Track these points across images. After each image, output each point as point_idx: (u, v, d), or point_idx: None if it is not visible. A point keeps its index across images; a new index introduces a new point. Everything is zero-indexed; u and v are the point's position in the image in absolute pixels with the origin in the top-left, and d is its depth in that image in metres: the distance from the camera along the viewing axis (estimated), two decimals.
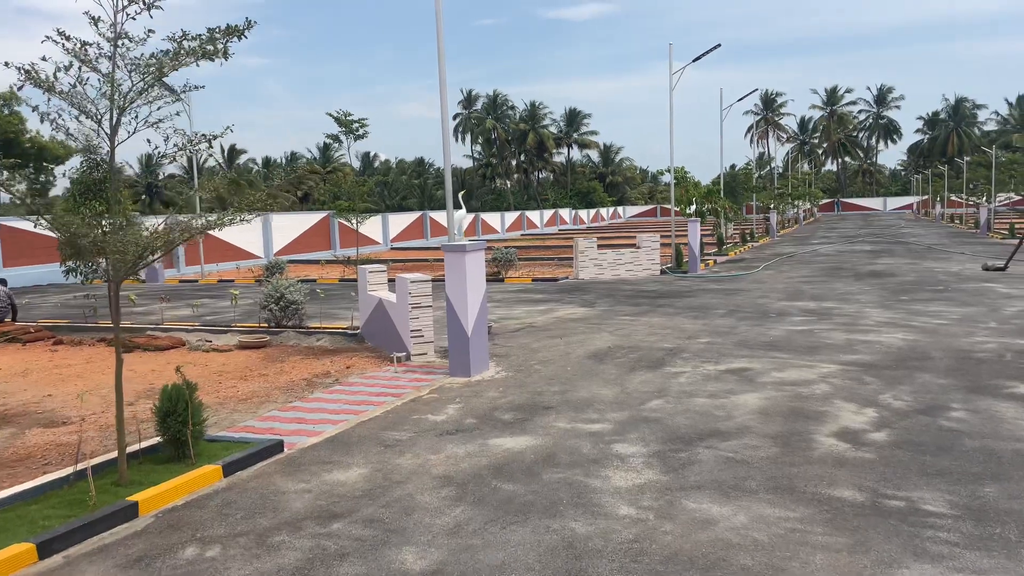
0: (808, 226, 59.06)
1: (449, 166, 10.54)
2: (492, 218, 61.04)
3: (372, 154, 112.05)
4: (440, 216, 53.16)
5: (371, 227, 43.29)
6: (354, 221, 30.23)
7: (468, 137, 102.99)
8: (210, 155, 10.55)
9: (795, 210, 60.83)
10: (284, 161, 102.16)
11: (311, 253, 37.54)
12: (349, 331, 12.44)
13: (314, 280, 23.57)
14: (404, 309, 10.30)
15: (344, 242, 39.96)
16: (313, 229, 39.67)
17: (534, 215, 69.20)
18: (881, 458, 5.79)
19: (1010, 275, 19.12)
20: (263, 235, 35.76)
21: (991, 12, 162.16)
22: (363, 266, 12.15)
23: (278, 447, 6.54)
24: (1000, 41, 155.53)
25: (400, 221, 48.45)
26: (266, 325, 13.19)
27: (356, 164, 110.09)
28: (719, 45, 23.00)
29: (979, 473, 5.39)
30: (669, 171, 24.28)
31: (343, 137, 28.99)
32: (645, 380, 8.71)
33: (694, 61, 23.27)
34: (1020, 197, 71.13)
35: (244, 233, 34.76)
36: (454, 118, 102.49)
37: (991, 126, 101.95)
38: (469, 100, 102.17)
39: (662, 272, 22.86)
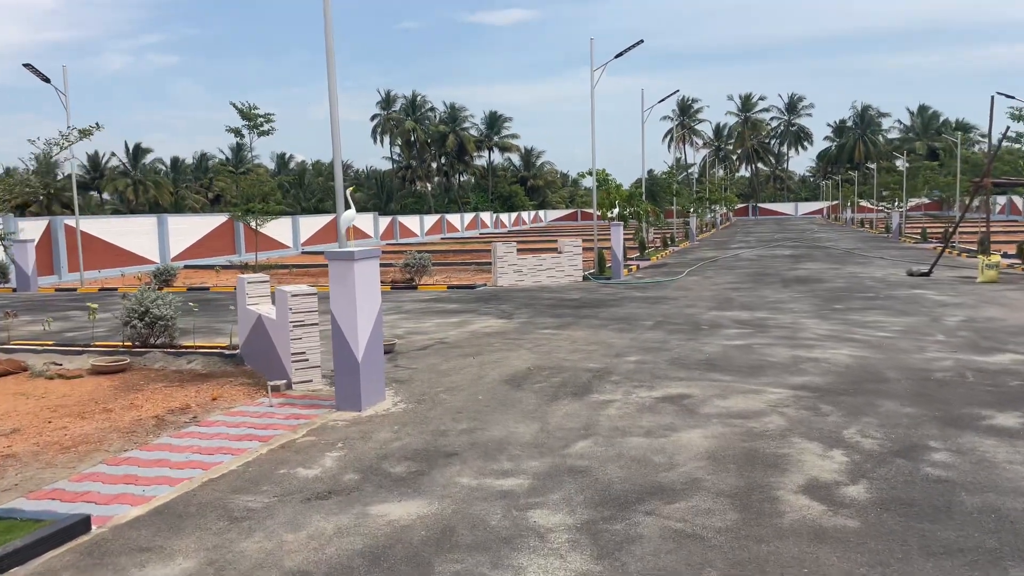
0: (725, 230, 59.46)
1: (339, 161, 8.95)
2: (410, 221, 59.19)
3: (287, 155, 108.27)
4: (357, 219, 51.03)
5: (280, 230, 40.89)
6: (254, 223, 28.14)
7: (387, 139, 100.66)
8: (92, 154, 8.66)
9: (712, 214, 61.17)
10: (194, 161, 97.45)
11: (214, 258, 35.00)
12: (227, 351, 10.67)
13: (207, 288, 21.44)
14: (284, 328, 8.65)
15: (251, 246, 37.48)
16: (216, 232, 37.04)
17: (454, 218, 67.68)
18: (868, 526, 4.55)
19: (936, 281, 18.72)
20: (159, 238, 33.06)
21: (893, 28, 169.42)
22: (242, 276, 10.40)
23: (82, 526, 4.86)
24: (902, 54, 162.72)
25: (312, 224, 46.12)
26: (130, 344, 11.27)
27: (269, 163, 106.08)
28: (641, 41, 22.09)
29: (996, 550, 4.20)
30: (591, 173, 23.21)
31: (246, 132, 26.94)
32: (569, 412, 7.34)
33: (616, 57, 22.24)
34: (929, 202, 73.77)
35: (137, 236, 32.05)
36: (372, 119, 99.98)
37: (894, 134, 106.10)
38: (387, 101, 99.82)
39: (585, 278, 21.70)
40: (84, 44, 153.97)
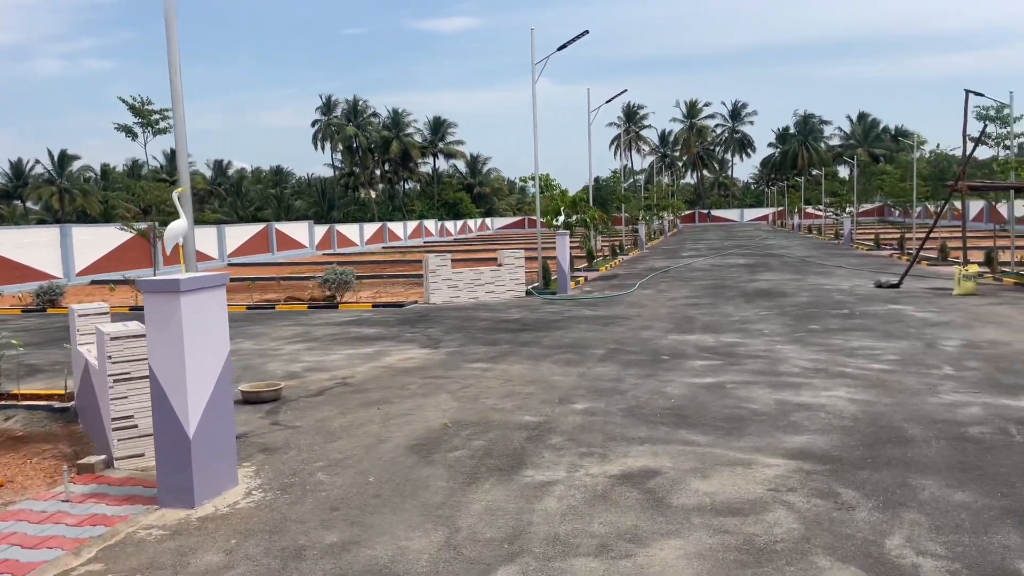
0: (673, 237, 58.20)
1: (184, 158, 6.66)
2: (350, 230, 56.49)
3: (226, 161, 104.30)
4: (288, 228, 48.19)
5: (203, 240, 37.98)
6: (149, 233, 25.20)
7: (328, 145, 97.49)
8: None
9: (660, 221, 59.89)
10: (125, 169, 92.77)
11: (129, 271, 31.90)
12: (58, 403, 8.25)
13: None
14: (104, 381, 6.30)
15: (172, 258, 34.39)
16: (131, 243, 33.86)
17: (397, 227, 65.10)
18: None
19: (910, 293, 17.14)
20: (61, 250, 29.93)
21: (833, 38, 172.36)
22: (75, 306, 7.98)
23: None
24: (842, 64, 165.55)
25: (240, 233, 43.18)
26: None
27: (206, 170, 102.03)
28: (586, 32, 20.13)
29: None
30: (534, 178, 21.17)
31: (139, 129, 24.12)
32: (492, 505, 5.19)
33: (560, 49, 20.26)
34: (876, 206, 73.90)
35: (37, 249, 28.91)
36: (312, 124, 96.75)
37: (835, 141, 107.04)
38: (328, 106, 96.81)
39: (528, 293, 19.62)
40: (15, 49, 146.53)
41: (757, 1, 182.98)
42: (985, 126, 22.28)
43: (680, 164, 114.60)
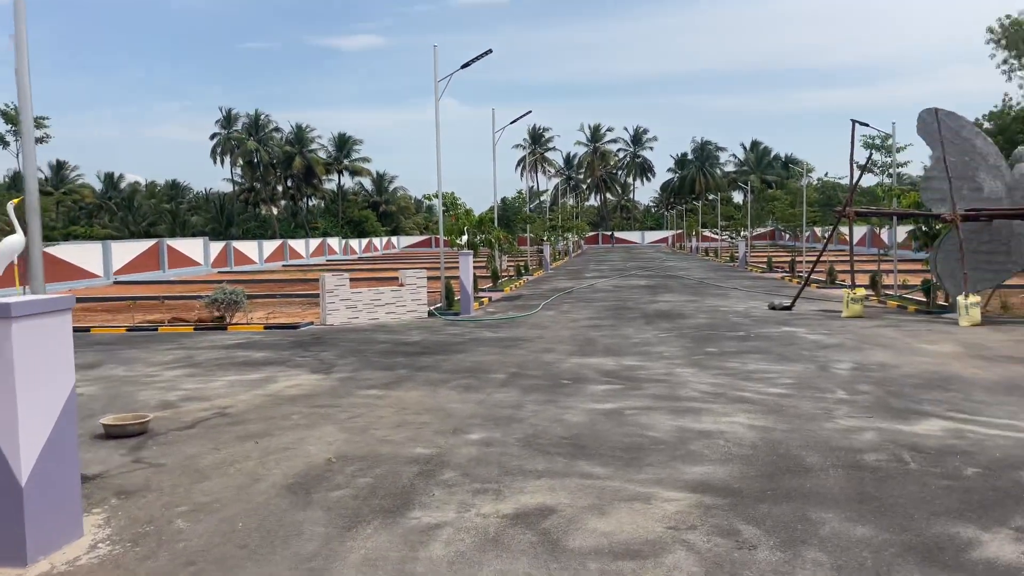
0: (578, 258, 58.83)
1: (33, 166, 5.94)
2: (248, 247, 54.38)
3: (118, 174, 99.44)
4: (182, 244, 45.99)
5: (86, 256, 35.74)
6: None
7: (228, 159, 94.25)
8: None
9: (565, 242, 60.53)
10: (7, 180, 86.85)
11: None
12: None
13: None
14: None
15: (54, 274, 32.04)
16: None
17: (299, 244, 63.16)
18: None
19: (802, 315, 17.60)
20: None
21: (728, 70, 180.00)
22: None
23: None
24: (736, 95, 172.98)
25: (129, 250, 40.82)
26: None
27: (96, 182, 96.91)
28: (490, 51, 19.97)
29: None
30: (437, 196, 20.76)
31: (11, 137, 22.37)
32: (371, 556, 4.71)
33: (463, 67, 20.01)
34: (768, 230, 77.00)
35: None
36: (211, 138, 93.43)
37: (730, 167, 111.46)
38: (229, 120, 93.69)
39: (430, 314, 19.13)
40: None
41: (657, 32, 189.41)
42: (871, 154, 23.41)
43: (584, 186, 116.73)
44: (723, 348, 12.87)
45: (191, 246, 46.85)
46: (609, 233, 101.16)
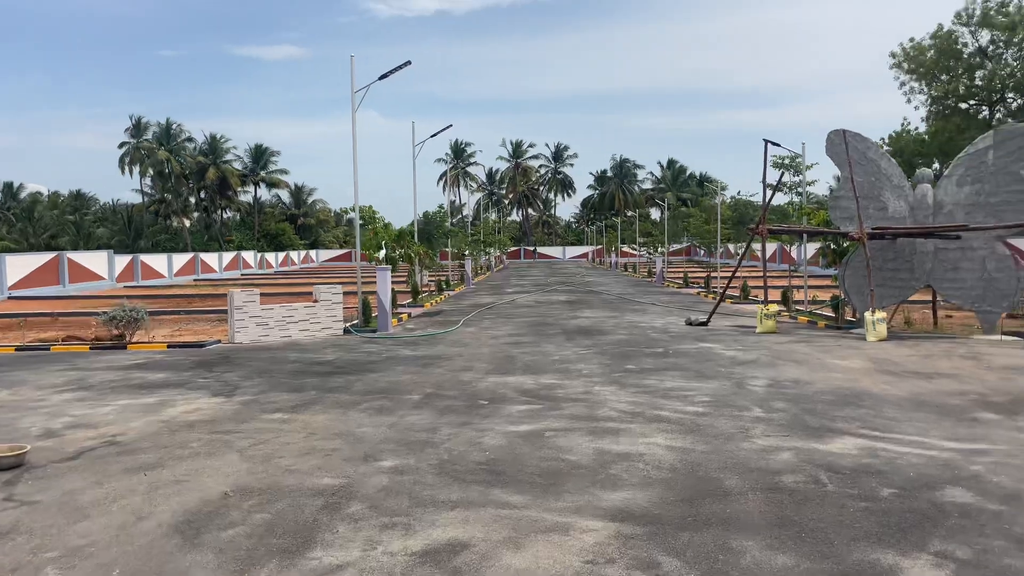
0: (500, 273, 58.78)
1: None
2: (157, 261, 52.12)
3: (17, 183, 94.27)
4: (84, 258, 43.69)
5: None
6: None
7: (137, 169, 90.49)
8: None
9: (487, 257, 60.40)
10: None
11: None
12: None
13: None
14: None
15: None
16: None
17: (211, 258, 60.95)
18: None
19: (717, 331, 17.82)
20: None
21: (645, 89, 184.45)
22: None
23: None
24: (653, 114, 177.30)
25: (26, 263, 38.47)
26: None
27: None
28: (409, 63, 19.64)
29: None
30: (355, 209, 20.22)
31: None
32: None
33: (381, 78, 19.59)
34: (684, 246, 78.74)
35: None
36: (120, 147, 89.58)
37: (648, 184, 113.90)
38: (139, 128, 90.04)
39: (346, 331, 18.55)
40: None
41: (578, 50, 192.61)
42: (782, 174, 24.06)
43: (507, 202, 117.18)
44: (642, 365, 12.83)
45: (94, 260, 44.59)
46: (532, 248, 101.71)
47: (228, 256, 63.86)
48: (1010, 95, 41.26)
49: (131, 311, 16.28)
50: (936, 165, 42.00)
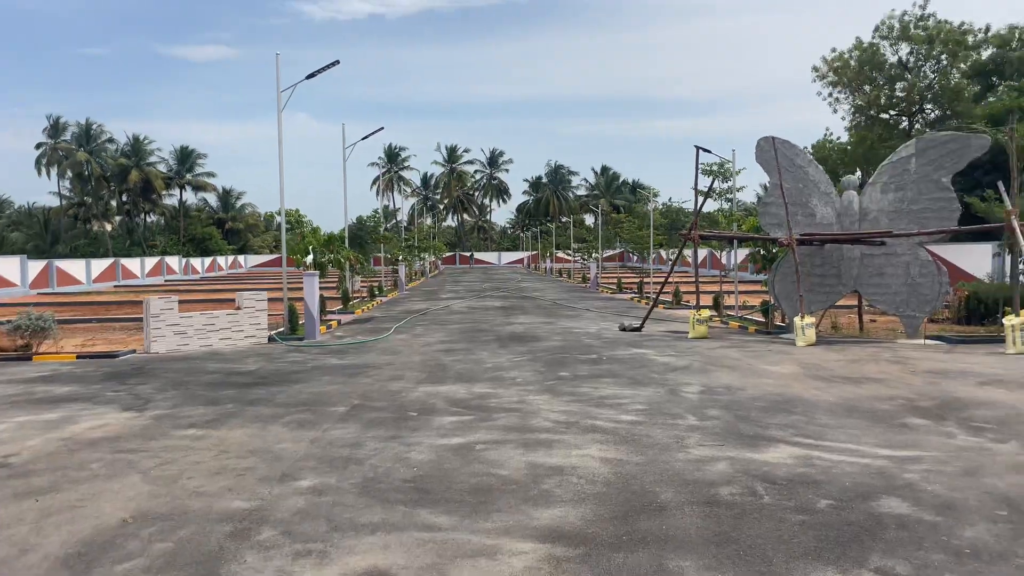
0: (434, 279, 58.20)
1: None
2: (74, 266, 49.79)
3: None
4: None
5: None
6: None
7: (54, 171, 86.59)
8: None
9: (421, 263, 59.76)
10: None
11: None
12: None
13: None
14: None
15: None
16: None
17: (133, 263, 58.59)
18: None
19: (651, 337, 17.79)
20: None
21: (579, 97, 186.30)
22: None
23: None
24: (586, 122, 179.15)
25: None
26: None
27: None
28: (337, 62, 19.09)
29: None
30: (281, 212, 19.53)
31: None
32: None
33: (308, 77, 18.98)
34: (618, 252, 79.53)
35: None
36: (37, 147, 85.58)
37: (582, 191, 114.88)
38: (56, 129, 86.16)
39: (271, 340, 17.86)
40: None
41: (512, 58, 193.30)
42: (713, 180, 24.32)
43: (442, 207, 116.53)
44: (576, 372, 12.62)
45: (6, 265, 42.28)
46: (468, 254, 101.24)
47: (151, 262, 61.53)
48: (928, 106, 42.91)
49: (37, 319, 15.27)
50: (858, 173, 43.41)
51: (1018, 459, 7.03)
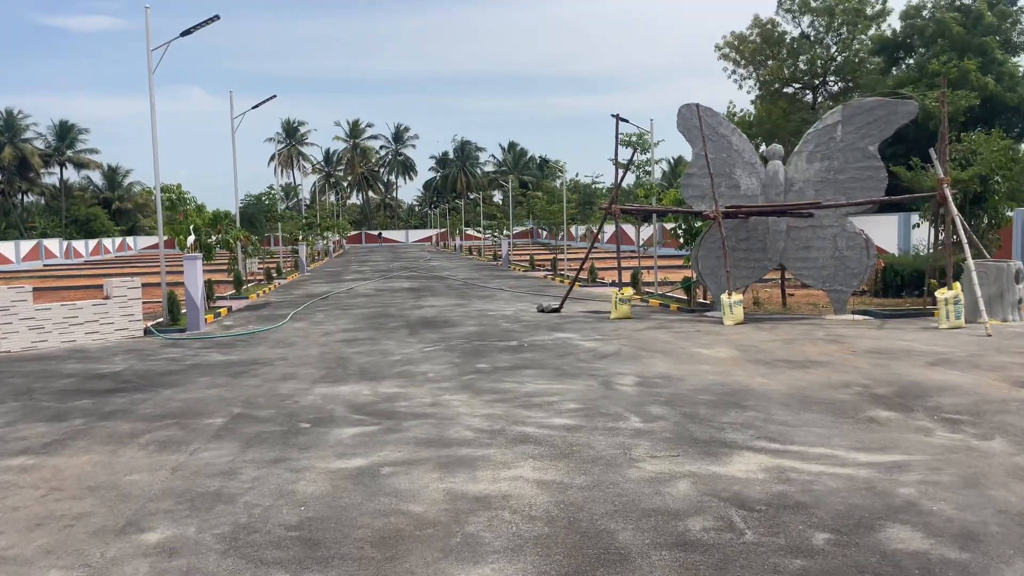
0: (339, 259, 55.74)
1: None
2: None
3: None
4: None
5: None
6: None
7: None
8: None
9: (325, 242, 57.14)
10: None
11: None
12: None
13: None
14: None
15: None
16: None
17: (7, 247, 53.52)
18: None
19: (572, 318, 16.64)
20: None
21: (484, 72, 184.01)
22: None
23: None
24: (492, 98, 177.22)
25: None
26: None
27: None
28: (217, 17, 16.84)
29: None
30: (156, 189, 17.31)
31: None
32: None
33: (184, 34, 16.69)
34: (528, 228, 78.64)
35: None
36: None
37: (490, 167, 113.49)
38: None
39: (147, 332, 15.76)
40: None
41: (414, 32, 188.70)
42: (634, 152, 23.37)
43: (346, 184, 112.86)
44: (496, 363, 11.27)
45: None
46: (376, 232, 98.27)
47: (27, 245, 56.45)
48: (831, 79, 43.41)
49: None
50: (763, 147, 43.72)
51: (1014, 461, 6.11)
